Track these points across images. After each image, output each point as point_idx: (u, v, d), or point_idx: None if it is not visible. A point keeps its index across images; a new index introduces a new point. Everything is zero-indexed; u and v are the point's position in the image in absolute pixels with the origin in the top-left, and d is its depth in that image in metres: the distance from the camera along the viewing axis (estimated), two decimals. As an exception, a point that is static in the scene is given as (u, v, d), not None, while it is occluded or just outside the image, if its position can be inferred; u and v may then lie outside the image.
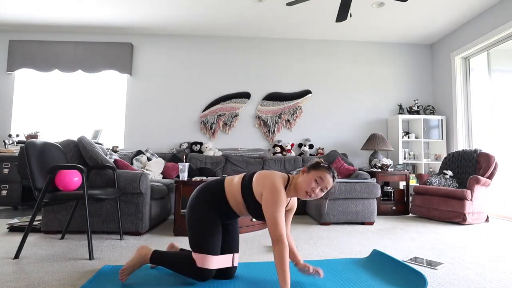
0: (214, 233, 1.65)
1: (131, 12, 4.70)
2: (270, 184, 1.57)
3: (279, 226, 1.49)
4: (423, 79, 5.71)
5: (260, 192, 1.60)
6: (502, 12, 4.23)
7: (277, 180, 1.59)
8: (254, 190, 1.62)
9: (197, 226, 1.65)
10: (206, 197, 1.70)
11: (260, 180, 1.62)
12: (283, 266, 1.43)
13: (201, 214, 1.67)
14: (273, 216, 1.50)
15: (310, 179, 1.59)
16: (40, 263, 2.02)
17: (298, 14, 4.71)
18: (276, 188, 1.55)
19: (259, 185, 1.61)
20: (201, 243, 1.62)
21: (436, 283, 1.75)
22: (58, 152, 2.53)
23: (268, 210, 1.52)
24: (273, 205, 1.52)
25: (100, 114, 5.36)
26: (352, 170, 4.37)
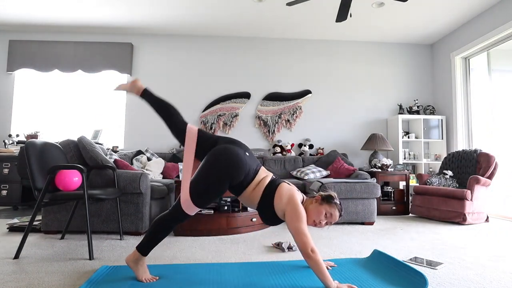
0: (214, 198, 1.74)
1: (131, 12, 4.70)
2: (293, 201, 1.70)
3: (309, 238, 1.60)
4: (423, 79, 5.71)
5: (281, 208, 1.72)
6: (502, 12, 4.23)
7: (297, 198, 1.74)
8: (276, 201, 1.74)
9: (207, 182, 1.70)
10: (233, 172, 1.73)
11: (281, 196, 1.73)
12: (324, 273, 1.54)
13: (218, 179, 1.71)
14: (302, 229, 1.61)
15: (320, 211, 1.75)
16: (40, 263, 2.02)
17: (298, 14, 4.71)
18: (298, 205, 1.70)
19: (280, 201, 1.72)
20: (200, 197, 1.70)
21: (436, 283, 1.75)
22: (58, 152, 2.53)
23: (296, 225, 1.63)
24: (299, 220, 1.64)
25: (100, 114, 5.36)
26: (352, 170, 4.37)
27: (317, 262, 1.54)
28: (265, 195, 1.77)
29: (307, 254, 1.56)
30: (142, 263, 1.74)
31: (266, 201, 1.76)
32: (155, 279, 1.72)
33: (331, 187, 3.46)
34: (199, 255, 2.28)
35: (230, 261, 2.12)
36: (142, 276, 1.71)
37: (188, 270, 1.89)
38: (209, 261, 2.13)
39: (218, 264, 2.03)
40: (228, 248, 2.48)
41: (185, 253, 2.31)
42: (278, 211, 1.74)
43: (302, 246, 1.58)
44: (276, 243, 2.52)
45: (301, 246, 1.59)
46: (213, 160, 1.73)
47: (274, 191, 1.76)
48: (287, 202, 1.71)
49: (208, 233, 2.90)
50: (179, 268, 1.94)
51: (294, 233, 1.62)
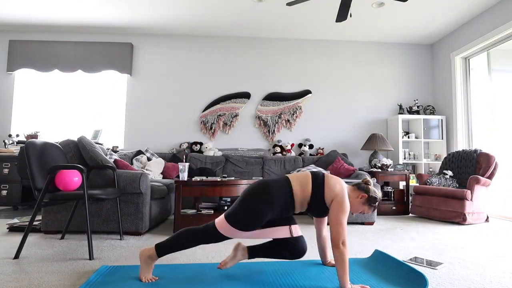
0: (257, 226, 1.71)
1: (131, 12, 4.70)
2: (343, 193, 1.72)
3: (345, 230, 1.62)
4: (423, 79, 5.71)
5: (331, 198, 1.73)
6: (502, 12, 4.23)
7: (346, 190, 1.76)
8: (326, 194, 1.74)
9: (248, 214, 1.69)
10: (273, 191, 1.73)
11: (333, 186, 1.74)
12: (346, 267, 1.57)
13: (259, 206, 1.70)
14: (341, 221, 1.64)
15: (359, 209, 1.81)
16: (40, 263, 2.02)
17: (298, 14, 4.71)
18: (346, 198, 1.72)
19: (332, 191, 1.73)
20: (241, 223, 1.69)
21: (436, 283, 1.75)
22: (58, 152, 2.53)
23: (338, 215, 1.65)
24: (343, 212, 1.66)
25: (100, 114, 5.36)
26: (352, 170, 4.37)
27: (343, 256, 1.57)
28: (315, 193, 1.75)
29: (337, 245, 1.59)
30: (152, 262, 1.74)
31: (317, 197, 1.75)
32: (155, 279, 1.72)
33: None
34: (199, 255, 2.28)
35: (230, 261, 2.12)
36: (144, 274, 1.71)
37: (188, 270, 1.89)
38: (209, 261, 2.13)
39: (218, 264, 2.03)
40: (228, 248, 2.48)
41: (185, 253, 2.31)
42: (327, 200, 1.74)
43: (336, 236, 1.60)
44: (276, 243, 2.52)
45: (334, 235, 1.61)
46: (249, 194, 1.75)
47: (323, 180, 1.77)
48: (339, 191, 1.72)
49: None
50: (179, 268, 1.94)
51: (334, 222, 1.64)
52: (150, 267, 1.73)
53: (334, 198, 1.71)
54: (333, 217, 1.66)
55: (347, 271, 1.56)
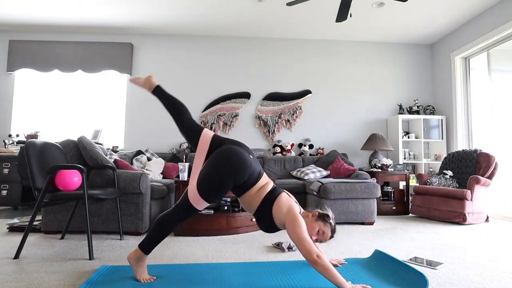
0: (220, 193, 1.76)
1: (131, 12, 4.70)
2: (292, 212, 1.73)
3: (311, 244, 1.60)
4: (423, 79, 5.71)
5: (280, 218, 1.74)
6: (502, 12, 4.23)
7: (296, 209, 1.77)
8: (274, 212, 1.77)
9: (214, 177, 1.73)
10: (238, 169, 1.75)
11: (281, 206, 1.76)
12: (335, 275, 1.53)
13: (224, 174, 1.74)
14: (304, 237, 1.62)
15: (314, 227, 1.78)
16: (40, 263, 2.02)
17: (298, 14, 4.71)
18: (297, 215, 1.72)
19: (280, 211, 1.75)
20: (207, 191, 1.73)
21: (436, 283, 1.75)
22: (58, 152, 2.53)
23: (297, 232, 1.64)
24: (299, 227, 1.66)
25: (100, 114, 5.36)
26: (352, 170, 4.37)
27: (325, 267, 1.53)
28: (265, 201, 1.79)
29: (313, 261, 1.55)
30: (143, 262, 1.75)
31: (265, 207, 1.78)
32: (153, 279, 1.72)
33: (331, 187, 3.46)
34: (199, 255, 2.28)
35: (230, 261, 2.12)
36: (140, 275, 1.71)
37: (188, 270, 1.89)
38: (209, 261, 2.13)
39: (218, 264, 2.03)
40: (228, 248, 2.48)
41: (185, 253, 2.31)
42: (276, 220, 1.76)
43: (307, 254, 1.57)
44: (276, 243, 2.53)
45: (305, 253, 1.58)
46: (220, 157, 1.77)
47: (274, 199, 1.79)
48: (287, 212, 1.73)
49: (208, 233, 2.90)
50: (179, 268, 1.94)
51: (297, 241, 1.62)
52: (142, 267, 1.74)
53: (286, 221, 1.71)
54: (294, 237, 1.64)
55: (338, 276, 1.52)
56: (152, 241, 1.74)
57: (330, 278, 1.52)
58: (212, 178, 1.73)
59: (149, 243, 1.74)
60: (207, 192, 1.73)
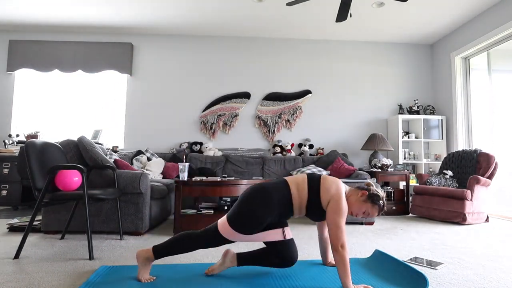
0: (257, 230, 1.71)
1: (131, 12, 4.70)
2: (338, 194, 1.68)
3: (343, 233, 1.59)
4: (423, 79, 5.71)
5: (327, 199, 1.69)
6: (502, 12, 4.23)
7: (343, 191, 1.72)
8: (322, 196, 1.71)
9: (251, 219, 1.68)
10: (273, 196, 1.71)
11: (329, 188, 1.71)
12: (347, 270, 1.54)
13: (261, 211, 1.69)
14: (339, 224, 1.61)
15: (362, 208, 1.74)
16: (40, 263, 2.02)
17: (298, 14, 4.71)
18: (343, 199, 1.67)
19: (327, 193, 1.70)
20: (243, 226, 1.68)
21: (436, 283, 1.75)
22: (58, 152, 2.53)
23: (335, 218, 1.62)
24: (339, 214, 1.63)
25: (100, 114, 5.36)
26: (352, 170, 4.37)
27: (343, 258, 1.55)
28: (311, 189, 1.72)
29: (336, 248, 1.56)
30: (149, 263, 1.74)
31: (313, 195, 1.72)
32: (153, 279, 1.72)
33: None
34: (199, 255, 2.28)
35: (230, 261, 2.12)
36: (142, 275, 1.71)
37: (188, 270, 1.89)
38: (209, 261, 2.13)
39: (218, 264, 2.03)
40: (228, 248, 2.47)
41: (185, 253, 2.31)
42: (323, 203, 1.70)
43: (335, 239, 1.58)
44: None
45: (333, 239, 1.59)
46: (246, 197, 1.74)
47: (319, 183, 1.73)
48: (334, 192, 1.68)
49: (208, 233, 2.89)
50: (179, 268, 1.94)
51: (332, 226, 1.61)
52: (148, 267, 1.74)
53: (330, 200, 1.68)
54: (329, 220, 1.63)
55: (348, 273, 1.54)
56: (166, 250, 1.71)
57: (342, 271, 1.54)
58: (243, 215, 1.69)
59: (163, 251, 1.71)
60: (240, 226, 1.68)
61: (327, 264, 2.02)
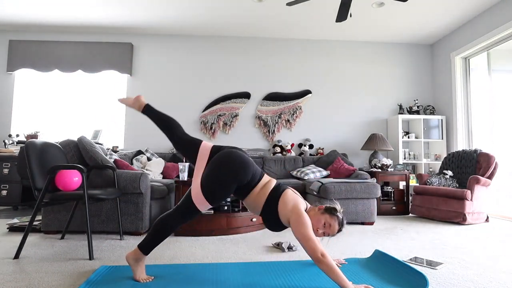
0: (224, 194, 1.75)
1: (131, 12, 4.70)
2: (297, 208, 1.72)
3: (316, 243, 1.59)
4: (423, 79, 5.71)
5: (285, 215, 1.74)
6: (502, 12, 4.23)
7: (301, 206, 1.76)
8: (279, 206, 1.76)
9: (218, 179, 1.73)
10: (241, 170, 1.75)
11: (287, 201, 1.76)
12: (338, 275, 1.52)
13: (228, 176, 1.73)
14: (309, 235, 1.61)
15: (320, 220, 1.76)
16: (40, 263, 2.02)
17: (298, 14, 4.71)
18: (302, 212, 1.71)
19: (285, 207, 1.74)
20: (211, 192, 1.72)
21: (436, 283, 1.75)
22: (58, 152, 2.53)
23: (302, 231, 1.63)
24: (304, 226, 1.64)
25: (100, 114, 5.36)
26: (352, 170, 4.37)
27: (329, 266, 1.52)
28: (270, 200, 1.78)
29: (317, 259, 1.54)
30: (142, 262, 1.75)
31: (271, 205, 1.77)
32: (151, 279, 1.72)
33: (331, 187, 3.46)
34: (199, 255, 2.28)
35: (230, 261, 2.12)
36: (139, 275, 1.71)
37: (188, 270, 1.89)
38: (209, 261, 2.13)
39: (218, 264, 2.03)
40: (228, 248, 2.48)
41: (185, 253, 2.31)
42: (282, 217, 1.75)
43: (312, 252, 1.57)
44: (276, 243, 2.53)
45: (310, 252, 1.57)
46: (222, 158, 1.77)
47: (279, 197, 1.78)
48: (292, 209, 1.71)
49: (208, 233, 2.90)
50: (179, 268, 1.94)
51: (302, 240, 1.61)
52: (141, 267, 1.74)
53: (290, 218, 1.70)
54: (298, 235, 1.63)
55: (341, 275, 1.51)
56: (151, 242, 1.73)
57: (334, 277, 1.52)
58: (216, 179, 1.72)
59: (148, 244, 1.73)
60: (211, 192, 1.71)
61: None
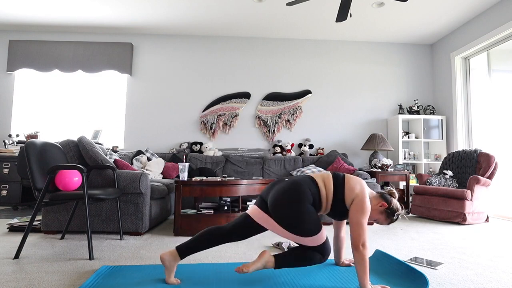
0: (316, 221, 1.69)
1: (131, 12, 4.70)
2: (363, 193, 1.70)
3: (365, 232, 1.60)
4: (423, 79, 5.71)
5: (351, 198, 1.71)
6: (502, 12, 4.23)
7: (367, 191, 1.74)
8: (346, 194, 1.72)
9: (304, 218, 1.66)
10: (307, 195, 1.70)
11: (353, 187, 1.72)
12: (366, 269, 1.54)
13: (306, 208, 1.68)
14: (361, 223, 1.61)
15: (377, 216, 1.78)
16: (40, 263, 2.02)
17: (298, 14, 4.71)
18: (367, 199, 1.69)
19: (352, 192, 1.71)
20: (311, 228, 1.66)
21: (436, 283, 1.75)
22: (58, 152, 2.53)
23: (358, 216, 1.63)
24: (363, 213, 1.64)
25: (100, 114, 5.36)
26: (352, 170, 4.37)
27: (363, 257, 1.54)
28: (336, 187, 1.73)
29: (357, 247, 1.56)
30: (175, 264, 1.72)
31: (339, 193, 1.73)
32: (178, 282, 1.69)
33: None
34: (199, 255, 2.28)
35: (230, 261, 2.12)
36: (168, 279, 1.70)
37: (188, 270, 1.89)
38: (209, 261, 2.13)
39: (218, 264, 2.03)
40: (228, 248, 2.48)
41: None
42: (347, 200, 1.71)
43: (356, 238, 1.58)
44: (276, 243, 2.52)
45: (355, 237, 1.58)
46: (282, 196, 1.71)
47: (343, 181, 1.74)
48: (359, 192, 1.69)
49: (208, 233, 2.89)
50: (179, 268, 1.94)
51: (354, 224, 1.61)
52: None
53: (354, 199, 1.69)
54: (352, 218, 1.63)
55: (367, 272, 1.54)
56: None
57: (361, 270, 1.53)
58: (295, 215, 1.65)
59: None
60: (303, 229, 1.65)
61: (340, 264, 2.01)
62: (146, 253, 2.30)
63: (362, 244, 1.56)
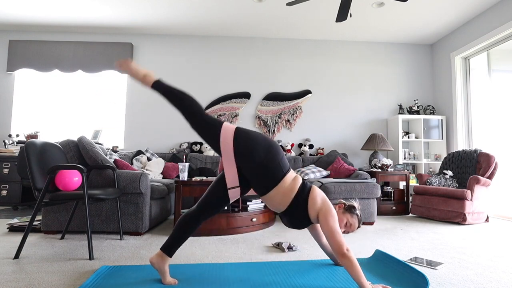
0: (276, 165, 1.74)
1: (131, 12, 4.70)
2: (327, 203, 1.73)
3: (342, 236, 1.62)
4: (423, 79, 5.71)
5: (315, 210, 1.72)
6: (502, 12, 4.23)
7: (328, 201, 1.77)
8: (309, 202, 1.73)
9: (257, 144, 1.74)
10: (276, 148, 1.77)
11: (315, 197, 1.74)
12: (359, 272, 1.52)
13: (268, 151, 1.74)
14: (336, 228, 1.63)
15: (342, 219, 1.82)
16: (40, 263, 2.02)
17: (298, 14, 4.71)
18: (332, 207, 1.73)
19: (315, 203, 1.72)
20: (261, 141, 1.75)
21: (436, 283, 1.75)
22: (58, 152, 2.53)
23: (330, 223, 1.64)
24: (333, 218, 1.66)
25: (100, 114, 5.36)
26: (352, 170, 4.37)
27: (352, 261, 1.53)
28: (299, 194, 1.74)
29: (342, 254, 1.55)
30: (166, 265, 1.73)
31: (300, 200, 1.73)
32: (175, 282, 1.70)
33: (331, 187, 3.46)
34: (199, 255, 2.28)
35: (230, 261, 2.12)
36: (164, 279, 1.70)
37: (188, 270, 1.89)
38: (209, 261, 2.13)
39: (218, 264, 2.03)
40: (228, 248, 2.48)
41: (184, 253, 2.31)
42: (311, 212, 1.72)
43: (338, 246, 1.57)
44: (276, 243, 2.52)
45: (336, 245, 1.58)
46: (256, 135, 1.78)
47: (308, 192, 1.76)
48: (322, 203, 1.72)
49: (208, 233, 2.90)
50: (179, 268, 1.94)
51: (330, 233, 1.62)
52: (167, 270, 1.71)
53: (320, 211, 1.69)
54: (327, 229, 1.63)
55: (361, 273, 1.52)
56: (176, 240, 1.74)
57: (355, 274, 1.52)
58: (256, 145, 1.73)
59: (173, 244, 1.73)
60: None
61: (339, 264, 2.02)
62: (146, 253, 2.30)
63: (346, 248, 1.56)
